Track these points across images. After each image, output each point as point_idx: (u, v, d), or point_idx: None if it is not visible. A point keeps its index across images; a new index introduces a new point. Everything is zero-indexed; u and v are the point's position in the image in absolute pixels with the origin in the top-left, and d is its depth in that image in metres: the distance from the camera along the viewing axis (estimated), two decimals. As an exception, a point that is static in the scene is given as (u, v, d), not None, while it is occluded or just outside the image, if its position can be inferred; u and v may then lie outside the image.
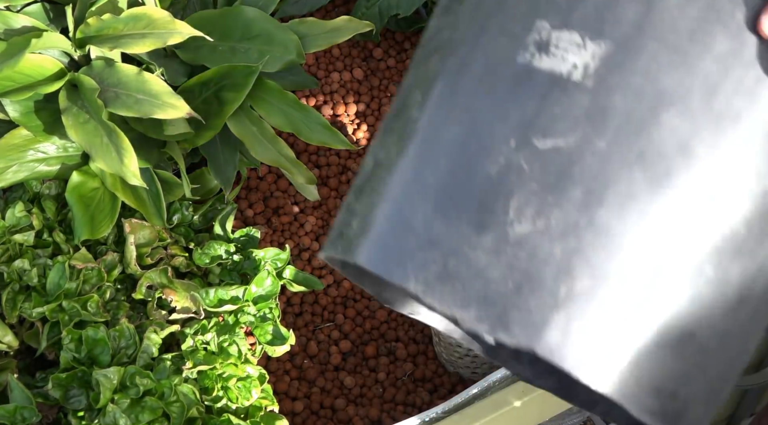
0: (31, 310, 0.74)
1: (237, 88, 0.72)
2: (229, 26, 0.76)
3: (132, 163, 0.69)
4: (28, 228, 0.79)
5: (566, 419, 0.89)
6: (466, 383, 0.90)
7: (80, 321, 0.73)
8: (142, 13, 0.71)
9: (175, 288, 0.76)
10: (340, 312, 0.95)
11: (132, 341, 0.72)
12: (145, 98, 0.69)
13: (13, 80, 0.70)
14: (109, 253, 0.78)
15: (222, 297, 0.75)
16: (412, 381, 0.91)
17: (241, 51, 0.75)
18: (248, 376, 0.72)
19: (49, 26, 0.74)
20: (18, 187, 0.83)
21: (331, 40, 0.79)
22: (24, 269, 0.76)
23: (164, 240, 0.80)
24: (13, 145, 0.75)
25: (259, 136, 0.76)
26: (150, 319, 0.76)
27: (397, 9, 1.03)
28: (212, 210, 0.85)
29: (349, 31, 0.80)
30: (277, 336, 0.75)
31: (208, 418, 0.69)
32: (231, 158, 0.77)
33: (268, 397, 0.73)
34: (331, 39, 0.79)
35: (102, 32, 0.71)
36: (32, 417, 0.67)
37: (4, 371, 0.72)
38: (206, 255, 0.79)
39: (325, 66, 1.07)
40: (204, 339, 0.73)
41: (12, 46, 0.69)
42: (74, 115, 0.70)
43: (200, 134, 0.73)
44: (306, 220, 0.99)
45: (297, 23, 0.79)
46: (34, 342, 0.75)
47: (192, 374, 0.71)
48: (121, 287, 0.78)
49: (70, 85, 0.72)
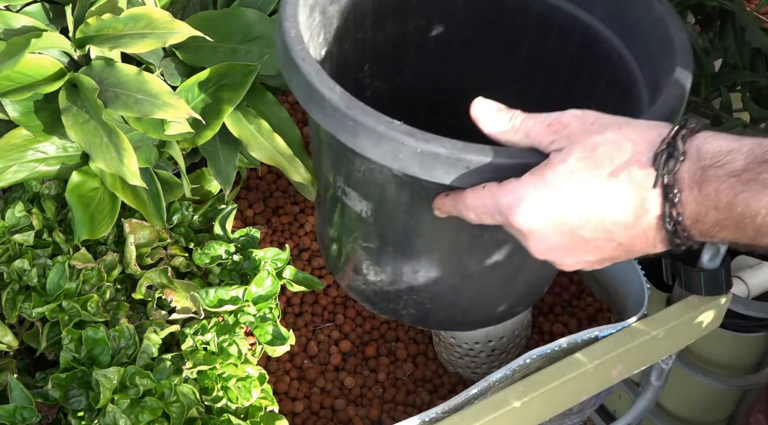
0: (31, 310, 0.74)
1: (236, 87, 0.72)
2: (230, 28, 0.76)
3: (132, 162, 0.69)
4: (27, 228, 0.79)
5: (566, 419, 0.89)
6: (466, 383, 0.90)
7: (80, 322, 0.73)
8: (142, 13, 0.71)
9: (175, 289, 0.76)
10: (341, 313, 0.95)
11: (132, 341, 0.72)
12: (144, 98, 0.69)
13: (12, 80, 0.70)
14: (109, 253, 0.78)
15: (222, 298, 0.75)
16: (412, 381, 0.91)
17: (242, 52, 0.75)
18: (248, 376, 0.72)
19: (48, 26, 0.74)
20: (18, 187, 0.83)
21: None
22: (24, 269, 0.76)
23: (164, 240, 0.80)
24: (12, 145, 0.75)
25: (256, 134, 0.76)
26: (150, 319, 0.76)
27: (397, 9, 1.03)
28: (212, 210, 0.85)
29: None
30: (277, 336, 0.75)
31: (208, 418, 0.69)
32: (231, 158, 0.77)
33: (268, 397, 0.73)
34: None
35: (102, 32, 0.71)
36: (32, 417, 0.67)
37: (3, 371, 0.72)
38: (206, 255, 0.79)
39: (325, 66, 1.07)
40: (204, 340, 0.73)
41: (12, 46, 0.68)
42: (74, 115, 0.70)
43: (200, 134, 0.73)
44: (306, 220, 0.99)
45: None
46: (33, 343, 0.75)
47: (192, 374, 0.70)
48: (121, 287, 0.78)
49: (70, 85, 0.72)
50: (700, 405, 1.40)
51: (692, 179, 0.47)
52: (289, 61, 0.59)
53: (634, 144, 0.49)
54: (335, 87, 0.57)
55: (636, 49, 0.68)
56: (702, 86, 0.92)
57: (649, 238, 0.50)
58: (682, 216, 0.48)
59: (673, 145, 0.48)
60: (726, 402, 1.41)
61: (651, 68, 0.66)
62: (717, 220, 0.47)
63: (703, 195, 0.47)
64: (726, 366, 1.32)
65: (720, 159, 0.47)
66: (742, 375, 1.33)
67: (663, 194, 0.48)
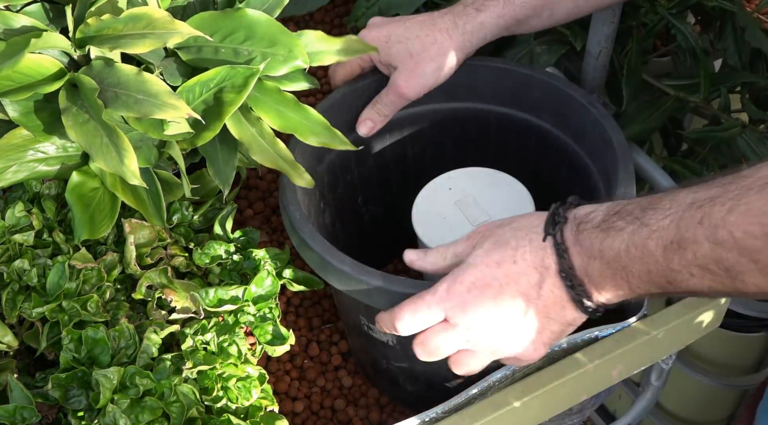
0: (31, 310, 0.74)
1: (237, 89, 0.72)
2: (232, 28, 0.76)
3: (132, 162, 0.69)
4: (27, 228, 0.79)
5: (566, 419, 0.89)
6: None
7: (80, 322, 0.73)
8: (142, 13, 0.71)
9: (174, 288, 0.76)
10: (340, 312, 0.95)
11: (132, 341, 0.72)
12: (144, 98, 0.69)
13: (12, 80, 0.70)
14: (109, 253, 0.78)
15: (222, 297, 0.75)
16: (412, 381, 0.91)
17: (244, 54, 0.75)
18: (248, 376, 0.72)
19: (48, 26, 0.74)
20: (18, 187, 0.83)
21: (336, 58, 0.79)
22: (24, 269, 0.76)
23: (164, 240, 0.80)
24: (12, 145, 0.75)
25: (258, 138, 0.76)
26: (150, 319, 0.76)
27: (397, 9, 1.03)
28: (212, 210, 0.85)
29: (356, 52, 0.80)
30: (277, 336, 0.75)
31: (208, 418, 0.69)
32: (230, 158, 0.77)
33: (268, 397, 0.73)
34: (336, 57, 0.79)
35: (102, 32, 0.71)
36: (32, 417, 0.67)
37: (3, 371, 0.72)
38: (206, 255, 0.79)
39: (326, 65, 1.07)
40: (204, 339, 0.73)
41: (12, 46, 0.68)
42: (74, 115, 0.70)
43: (200, 135, 0.73)
44: (306, 220, 0.99)
45: (305, 34, 0.78)
46: (33, 343, 0.75)
47: (192, 374, 0.71)
48: (121, 287, 0.78)
49: (70, 85, 0.72)
50: (700, 405, 1.40)
51: (573, 237, 0.59)
52: (301, 241, 0.72)
53: (531, 222, 0.63)
54: (345, 258, 0.70)
55: (584, 146, 0.82)
56: (702, 86, 0.92)
57: (557, 297, 0.60)
58: (573, 269, 0.59)
59: (557, 213, 0.61)
60: (726, 402, 1.41)
61: (600, 162, 0.79)
62: (599, 270, 0.58)
63: (583, 248, 0.58)
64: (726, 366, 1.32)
65: (588, 218, 0.59)
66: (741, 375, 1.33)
67: (555, 251, 0.60)
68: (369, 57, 0.84)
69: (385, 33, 0.82)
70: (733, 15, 0.96)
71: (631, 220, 0.56)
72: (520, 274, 0.61)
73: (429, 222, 0.81)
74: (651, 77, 0.98)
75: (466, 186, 0.84)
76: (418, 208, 0.83)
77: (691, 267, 0.53)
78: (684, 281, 0.54)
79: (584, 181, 0.82)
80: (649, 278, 0.56)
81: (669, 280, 0.55)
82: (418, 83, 0.82)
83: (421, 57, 0.81)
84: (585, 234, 0.58)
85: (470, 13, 0.81)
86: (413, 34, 0.81)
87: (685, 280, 0.54)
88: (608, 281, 0.58)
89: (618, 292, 0.59)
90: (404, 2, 1.03)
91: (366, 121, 0.85)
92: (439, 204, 0.83)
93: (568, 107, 0.82)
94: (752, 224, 0.50)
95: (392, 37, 0.82)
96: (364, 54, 0.81)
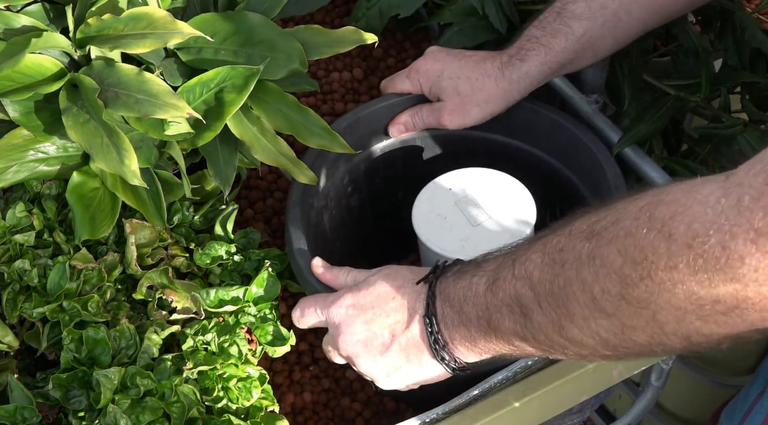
0: (32, 310, 0.74)
1: (238, 89, 0.72)
2: (232, 31, 0.76)
3: (132, 163, 0.69)
4: (28, 228, 0.79)
5: (566, 419, 0.89)
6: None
7: (81, 322, 0.73)
8: (142, 13, 0.71)
9: (175, 289, 0.76)
10: (341, 313, 0.95)
11: (132, 341, 0.72)
12: (145, 98, 0.69)
13: (13, 80, 0.70)
14: (110, 253, 0.78)
15: (222, 298, 0.75)
16: (413, 381, 0.91)
17: (244, 55, 0.75)
18: (249, 377, 0.72)
19: (49, 26, 0.74)
20: (18, 187, 0.83)
21: (334, 50, 0.79)
22: (24, 269, 0.76)
23: (165, 240, 0.80)
24: (13, 145, 0.75)
25: (260, 136, 0.76)
26: (150, 320, 0.76)
27: (397, 9, 1.03)
28: (213, 210, 0.85)
29: (353, 42, 0.80)
30: (278, 336, 0.75)
31: (209, 418, 0.69)
32: (230, 159, 0.77)
33: (268, 397, 0.73)
34: (335, 48, 0.79)
35: (102, 32, 0.71)
36: (32, 418, 0.67)
37: (4, 371, 0.72)
38: (207, 255, 0.79)
39: (325, 65, 1.07)
40: (204, 340, 0.73)
41: (12, 46, 0.68)
42: (74, 115, 0.70)
43: (200, 135, 0.73)
44: (306, 220, 0.99)
45: (302, 30, 0.79)
46: (34, 343, 0.75)
47: (192, 374, 0.71)
48: (122, 287, 0.78)
49: (70, 85, 0.72)
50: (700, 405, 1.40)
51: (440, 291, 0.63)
52: (304, 278, 0.75)
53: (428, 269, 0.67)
54: None
55: (587, 183, 0.87)
56: (702, 86, 0.92)
57: (417, 342, 0.64)
58: (436, 316, 0.63)
59: (433, 272, 0.65)
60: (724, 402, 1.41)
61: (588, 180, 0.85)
62: (450, 316, 0.62)
63: (443, 295, 0.63)
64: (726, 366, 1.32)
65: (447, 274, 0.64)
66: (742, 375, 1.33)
67: (426, 297, 0.64)
68: (420, 85, 0.89)
69: (440, 67, 0.88)
70: (733, 15, 0.96)
71: (474, 266, 0.63)
72: (393, 310, 0.65)
73: (429, 223, 0.81)
74: (651, 77, 0.98)
75: (466, 186, 0.84)
76: (418, 209, 0.83)
77: (501, 306, 0.58)
78: (498, 321, 0.59)
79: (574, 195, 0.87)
80: (478, 324, 0.60)
81: (488, 321, 0.59)
82: (460, 122, 0.88)
83: (468, 99, 0.86)
84: (443, 286, 0.63)
85: (515, 64, 0.85)
86: (464, 73, 0.86)
87: (497, 321, 0.59)
88: (459, 330, 0.62)
89: (467, 344, 0.62)
90: (404, 2, 1.03)
91: (399, 126, 0.90)
92: (439, 204, 0.83)
93: (576, 149, 0.86)
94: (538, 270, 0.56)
95: (445, 73, 0.87)
96: (418, 84, 0.89)
